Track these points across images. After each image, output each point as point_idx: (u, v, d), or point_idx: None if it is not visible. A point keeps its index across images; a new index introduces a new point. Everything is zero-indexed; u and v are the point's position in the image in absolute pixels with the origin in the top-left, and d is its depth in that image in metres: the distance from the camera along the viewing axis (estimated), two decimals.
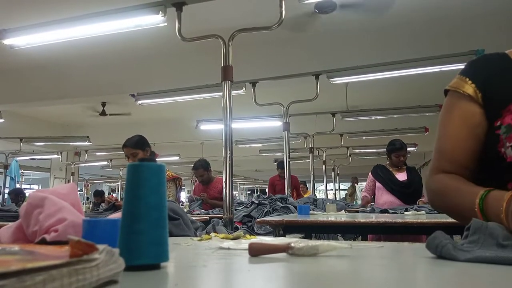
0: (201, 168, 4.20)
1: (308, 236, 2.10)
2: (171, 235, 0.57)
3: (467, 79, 0.90)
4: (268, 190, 5.54)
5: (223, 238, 0.92)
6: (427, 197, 0.95)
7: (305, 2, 2.83)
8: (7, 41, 2.65)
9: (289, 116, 4.23)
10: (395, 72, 3.55)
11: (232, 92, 2.06)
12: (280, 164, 5.15)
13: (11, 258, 0.39)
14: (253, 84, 3.90)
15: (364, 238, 2.56)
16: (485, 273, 0.51)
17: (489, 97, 0.86)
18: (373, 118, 5.51)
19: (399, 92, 6.18)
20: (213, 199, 4.07)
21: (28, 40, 2.68)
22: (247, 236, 0.94)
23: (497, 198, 0.73)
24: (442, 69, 3.28)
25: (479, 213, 0.75)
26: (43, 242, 0.67)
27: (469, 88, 0.88)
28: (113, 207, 2.61)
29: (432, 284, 0.44)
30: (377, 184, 3.54)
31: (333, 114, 4.96)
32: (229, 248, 0.72)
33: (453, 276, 0.49)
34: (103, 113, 7.04)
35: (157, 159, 3.20)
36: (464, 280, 0.47)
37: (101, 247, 0.41)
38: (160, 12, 2.23)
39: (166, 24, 2.31)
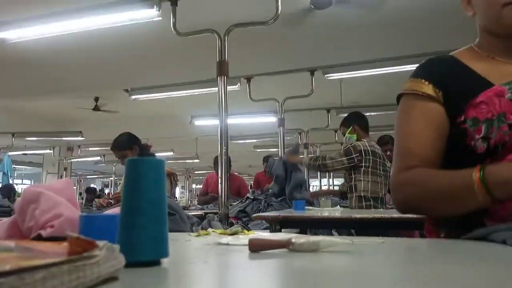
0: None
1: (304, 232, 2.10)
2: (168, 230, 0.56)
3: (423, 80, 0.89)
4: (253, 185, 5.33)
5: (221, 233, 0.92)
6: (396, 197, 0.88)
7: None
8: None
9: (284, 112, 4.23)
10: (390, 68, 3.57)
11: (227, 87, 2.05)
12: (266, 158, 5.05)
13: (8, 255, 0.38)
14: (248, 79, 3.89)
15: (361, 234, 2.56)
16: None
17: (449, 95, 0.86)
18: (367, 114, 5.52)
19: (394, 88, 6.15)
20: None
21: (20, 33, 2.64)
22: (245, 231, 0.93)
23: (502, 166, 0.73)
24: None
25: (479, 185, 0.72)
26: (39, 237, 0.66)
27: (428, 88, 0.88)
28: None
29: (435, 279, 0.44)
30: None
31: (328, 110, 4.97)
32: (228, 244, 0.71)
33: (456, 272, 0.48)
34: (96, 108, 6.98)
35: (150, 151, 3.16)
36: (468, 275, 0.47)
37: (101, 243, 0.40)
38: (155, 6, 2.21)
39: (160, 18, 2.28)
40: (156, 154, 4.01)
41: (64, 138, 7.45)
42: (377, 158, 2.67)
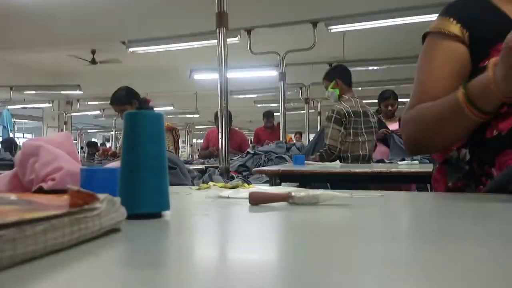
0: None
1: (303, 186, 2.14)
2: (169, 184, 0.56)
3: (451, 19, 0.86)
4: (253, 141, 5.34)
5: (221, 187, 0.93)
6: (403, 136, 0.90)
7: None
8: None
9: (285, 66, 4.15)
10: (395, 19, 3.45)
11: (227, 40, 1.99)
12: (266, 114, 5.00)
13: (10, 208, 0.38)
14: (249, 31, 3.78)
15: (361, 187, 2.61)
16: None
17: (476, 36, 0.83)
18: (370, 68, 5.44)
19: (398, 42, 6.04)
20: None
21: None
22: (245, 185, 0.94)
23: (480, 76, 0.73)
24: None
25: (464, 101, 0.73)
26: (40, 190, 0.67)
27: (455, 27, 0.85)
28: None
29: (435, 231, 0.45)
30: None
31: (330, 64, 4.87)
32: (228, 197, 0.72)
33: (455, 225, 0.49)
34: (93, 61, 6.84)
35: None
36: (465, 229, 0.47)
37: (102, 196, 0.40)
38: None
39: None
40: (155, 109, 3.97)
41: (62, 92, 7.38)
42: (359, 117, 2.63)
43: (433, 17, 3.14)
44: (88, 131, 15.63)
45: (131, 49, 4.20)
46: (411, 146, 0.90)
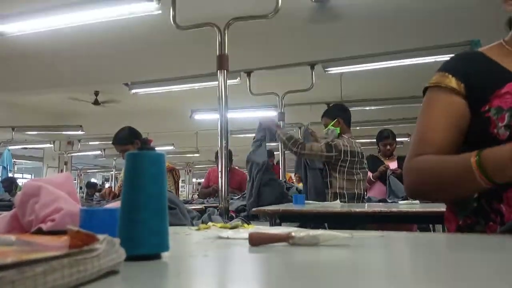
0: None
1: (303, 226, 2.11)
2: (169, 224, 0.56)
3: (448, 74, 0.92)
4: None
5: (221, 227, 0.92)
6: (405, 182, 0.93)
7: None
8: None
9: (284, 106, 4.22)
10: (390, 62, 3.55)
11: (228, 81, 2.04)
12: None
13: (9, 249, 0.38)
14: (249, 73, 3.88)
15: (362, 228, 2.58)
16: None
17: (473, 86, 0.89)
18: (367, 108, 5.52)
19: (394, 83, 6.19)
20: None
21: (19, 27, 2.62)
22: (245, 225, 0.93)
23: (496, 148, 0.75)
24: (437, 59, 3.28)
25: (476, 168, 0.75)
26: (40, 231, 0.66)
27: (451, 81, 0.91)
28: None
29: (436, 272, 0.44)
30: (369, 174, 3.56)
31: (328, 104, 4.95)
32: (228, 238, 0.72)
33: (459, 264, 0.48)
34: (96, 102, 6.97)
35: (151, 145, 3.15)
36: (471, 265, 0.47)
37: (101, 237, 0.40)
38: None
39: (160, 12, 2.27)
40: (156, 148, 3.98)
41: (64, 132, 7.44)
42: (356, 157, 2.66)
43: (429, 59, 3.22)
44: (88, 171, 15.60)
45: (133, 91, 4.29)
46: (413, 193, 0.94)
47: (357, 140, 2.80)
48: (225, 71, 2.01)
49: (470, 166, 0.76)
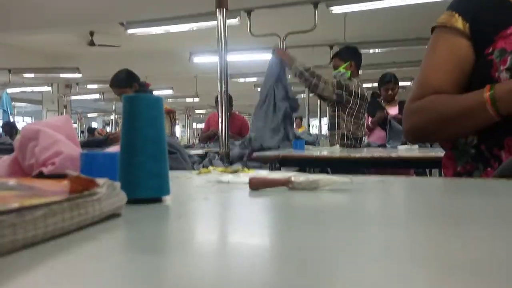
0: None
1: (303, 170, 2.14)
2: (169, 168, 0.56)
3: (455, 13, 0.90)
4: None
5: (221, 171, 0.93)
6: (405, 124, 0.93)
7: None
8: None
9: (285, 48, 4.10)
10: (395, 0, 3.40)
11: (227, 21, 1.96)
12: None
13: (9, 193, 0.38)
14: (249, 12, 3.72)
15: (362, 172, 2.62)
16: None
17: (478, 26, 0.86)
18: (371, 51, 5.37)
19: (400, 24, 5.97)
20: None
21: None
22: (245, 170, 0.94)
23: (510, 81, 0.76)
24: None
25: (490, 103, 0.76)
26: (41, 175, 0.67)
27: (457, 21, 0.88)
28: (106, 141, 2.59)
29: (436, 215, 0.45)
30: (370, 119, 3.54)
31: (331, 47, 4.82)
32: (228, 182, 0.72)
33: (457, 208, 0.49)
34: (91, 43, 6.77)
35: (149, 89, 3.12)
36: (469, 208, 0.47)
37: (102, 181, 0.40)
38: None
39: None
40: (155, 92, 3.93)
41: (61, 75, 7.32)
42: (364, 101, 2.66)
43: None
44: (88, 115, 15.59)
45: (129, 31, 4.15)
46: (416, 135, 0.94)
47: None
48: (224, 9, 1.92)
49: (481, 98, 0.77)
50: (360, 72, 2.87)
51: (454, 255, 0.29)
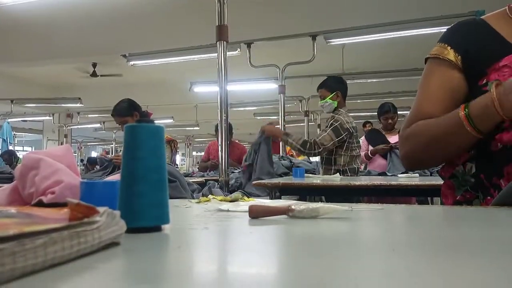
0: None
1: (303, 198, 2.13)
2: (169, 197, 0.56)
3: (447, 46, 0.92)
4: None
5: (221, 200, 0.92)
6: (401, 152, 0.95)
7: None
8: None
9: (284, 79, 4.17)
10: (393, 33, 3.49)
11: (227, 53, 2.01)
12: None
13: (9, 221, 0.38)
14: (249, 44, 3.82)
15: (358, 201, 2.61)
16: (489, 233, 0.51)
17: (471, 59, 0.89)
18: (368, 81, 5.47)
19: (396, 55, 6.10)
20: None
21: None
22: (245, 198, 0.94)
23: (482, 97, 0.79)
24: (441, 30, 3.21)
25: (465, 119, 0.79)
26: (40, 204, 0.67)
27: (449, 53, 0.91)
28: (109, 164, 2.57)
29: (436, 244, 0.45)
30: (370, 148, 3.56)
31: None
32: (228, 210, 0.72)
33: (458, 236, 0.49)
34: (94, 74, 6.89)
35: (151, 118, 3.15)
36: (470, 237, 0.47)
37: (101, 209, 0.40)
38: None
39: None
40: (156, 121, 3.95)
41: (63, 105, 7.41)
42: (355, 131, 2.67)
43: (430, 30, 3.16)
44: (88, 144, 15.63)
45: (131, 62, 4.24)
46: (410, 161, 0.95)
47: (357, 114, 2.80)
48: (224, 42, 1.97)
49: (459, 117, 0.79)
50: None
51: (455, 285, 0.29)
